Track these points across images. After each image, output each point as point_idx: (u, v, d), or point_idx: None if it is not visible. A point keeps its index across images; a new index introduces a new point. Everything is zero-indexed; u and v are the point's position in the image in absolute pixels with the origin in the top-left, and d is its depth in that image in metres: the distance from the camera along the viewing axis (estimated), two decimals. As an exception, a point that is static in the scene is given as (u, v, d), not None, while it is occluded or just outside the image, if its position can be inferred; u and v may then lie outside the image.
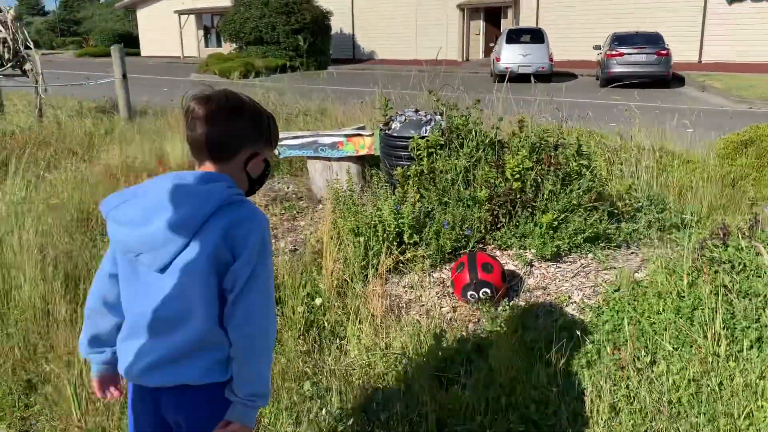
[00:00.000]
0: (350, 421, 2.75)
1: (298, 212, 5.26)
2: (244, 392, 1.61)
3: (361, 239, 3.93)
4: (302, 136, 5.58)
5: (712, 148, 6.71)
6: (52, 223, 4.46)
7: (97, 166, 6.25)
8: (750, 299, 2.95)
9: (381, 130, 5.15)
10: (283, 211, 5.23)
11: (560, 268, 4.06)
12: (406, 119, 4.96)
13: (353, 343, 3.38)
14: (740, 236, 3.54)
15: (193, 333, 1.59)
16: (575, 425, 2.76)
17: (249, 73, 16.63)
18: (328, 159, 5.52)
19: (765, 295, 2.89)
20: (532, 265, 4.10)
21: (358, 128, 5.66)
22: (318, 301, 3.57)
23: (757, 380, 2.55)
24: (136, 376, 1.66)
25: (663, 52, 17.53)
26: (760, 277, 3.07)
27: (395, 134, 4.90)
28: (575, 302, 3.72)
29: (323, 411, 2.87)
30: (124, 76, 8.70)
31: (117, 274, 1.70)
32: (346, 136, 5.38)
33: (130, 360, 1.66)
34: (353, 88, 11.41)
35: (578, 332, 3.36)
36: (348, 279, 3.83)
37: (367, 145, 5.34)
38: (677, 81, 18.58)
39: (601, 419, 2.72)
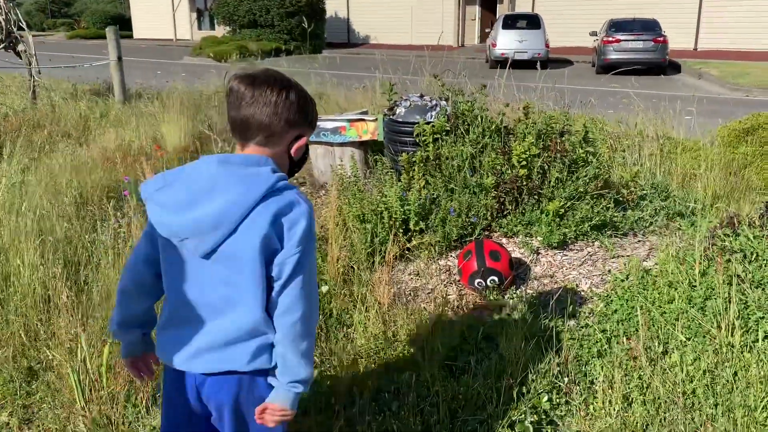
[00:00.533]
0: (360, 411, 2.71)
1: (299, 198, 5.19)
2: (287, 378, 1.61)
3: (368, 226, 3.88)
4: (303, 121, 5.49)
5: (712, 135, 6.68)
6: (50, 208, 4.37)
7: (93, 149, 6.14)
8: (763, 289, 2.93)
9: (385, 115, 5.07)
10: (284, 197, 5.16)
11: (567, 256, 4.02)
12: (411, 104, 4.89)
13: (360, 331, 3.33)
14: (751, 225, 3.51)
15: (240, 320, 1.57)
16: (587, 415, 2.74)
17: (244, 56, 16.42)
18: (330, 144, 5.44)
19: (779, 285, 2.87)
20: (538, 253, 4.06)
21: (361, 113, 5.58)
22: (324, 288, 3.52)
23: (774, 371, 2.53)
24: (182, 362, 1.64)
25: (660, 39, 17.45)
26: (773, 266, 3.04)
27: (400, 120, 4.83)
28: (583, 291, 3.69)
29: (332, 399, 2.82)
30: (119, 58, 8.56)
31: (154, 257, 1.67)
32: (349, 121, 5.30)
33: (174, 346, 1.64)
34: (351, 73, 11.31)
35: (588, 321, 3.33)
36: (354, 266, 3.78)
37: (370, 130, 5.27)
38: (673, 68, 18.54)
39: (614, 410, 2.69)
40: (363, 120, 5.31)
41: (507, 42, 19.02)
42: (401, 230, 4.07)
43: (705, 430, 2.48)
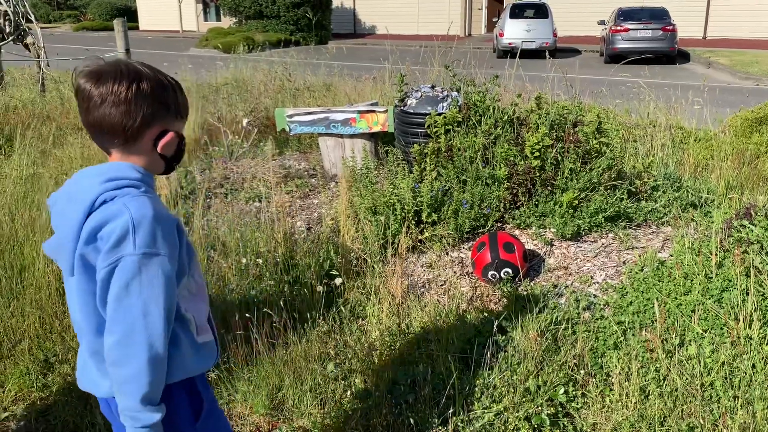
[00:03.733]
0: (376, 404, 2.71)
1: (310, 190, 5.18)
2: (119, 407, 1.44)
3: (380, 218, 3.87)
4: (314, 112, 5.48)
5: (723, 125, 6.62)
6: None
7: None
8: (782, 281, 2.90)
9: (396, 106, 5.05)
10: (294, 189, 5.15)
11: (581, 247, 4.00)
12: (422, 95, 4.86)
13: (373, 323, 3.33)
14: (767, 216, 3.48)
15: (85, 341, 1.51)
16: (603, 408, 2.73)
17: (251, 48, 16.36)
18: (340, 136, 5.42)
19: (798, 277, 2.84)
20: (552, 245, 4.04)
21: (371, 104, 5.55)
22: (338, 281, 3.52)
23: (794, 364, 2.51)
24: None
25: (669, 27, 17.29)
26: (791, 258, 3.01)
27: (411, 111, 4.81)
28: (598, 282, 3.67)
29: (348, 393, 2.83)
30: (127, 50, 8.51)
31: None
32: (359, 112, 5.28)
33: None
34: (359, 63, 11.26)
35: (603, 313, 3.32)
36: (367, 258, 3.77)
37: (381, 121, 5.25)
38: (682, 57, 18.39)
39: (631, 402, 2.68)
40: (373, 111, 5.28)
41: (514, 31, 18.90)
42: (413, 222, 4.06)
43: (724, 422, 2.46)
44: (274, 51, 16.86)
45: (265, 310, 3.24)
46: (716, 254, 3.25)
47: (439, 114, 4.58)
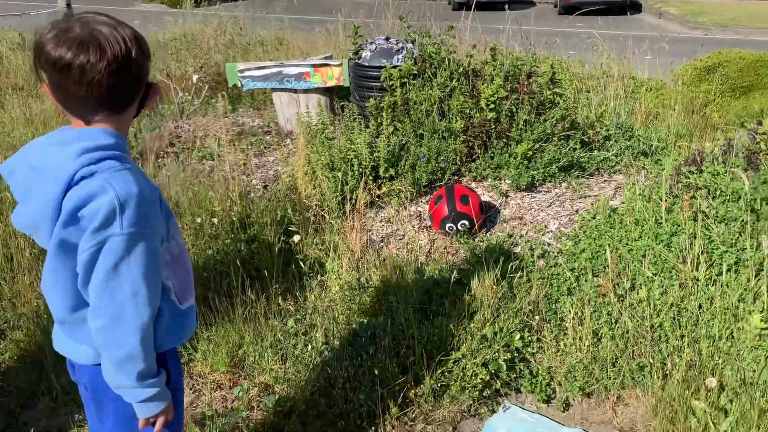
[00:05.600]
0: (337, 356, 2.74)
1: (265, 147, 5.09)
2: (113, 384, 1.45)
3: (337, 174, 3.84)
4: (266, 67, 5.34)
5: (674, 74, 6.73)
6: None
7: (46, 101, 5.88)
8: (727, 224, 3.00)
9: (350, 59, 4.96)
10: (249, 146, 5.06)
11: (535, 198, 4.06)
12: (376, 48, 4.78)
13: (333, 279, 3.33)
14: (714, 162, 3.58)
15: (55, 312, 1.47)
16: (558, 351, 2.82)
17: (199, 2, 15.75)
18: (295, 91, 5.31)
19: (742, 220, 2.94)
20: (507, 196, 4.09)
21: (325, 58, 5.44)
22: (296, 238, 3.49)
23: (737, 302, 2.62)
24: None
25: (619, -22, 17.30)
26: (736, 201, 3.12)
27: (366, 64, 4.73)
28: (552, 231, 3.74)
29: (309, 347, 2.84)
30: (69, 5, 8.14)
31: None
32: (313, 66, 5.17)
33: None
34: (311, 17, 10.99)
35: (557, 261, 3.39)
36: (325, 215, 3.75)
37: (336, 75, 5.15)
38: (634, 8, 18.48)
39: (584, 345, 2.77)
40: (328, 65, 5.18)
41: (468, -17, 18.62)
42: (371, 177, 4.04)
43: (672, 361, 2.57)
44: (223, 5, 16.30)
45: (222, 269, 3.21)
46: (666, 200, 3.34)
47: (395, 67, 4.52)
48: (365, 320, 2.98)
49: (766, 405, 2.19)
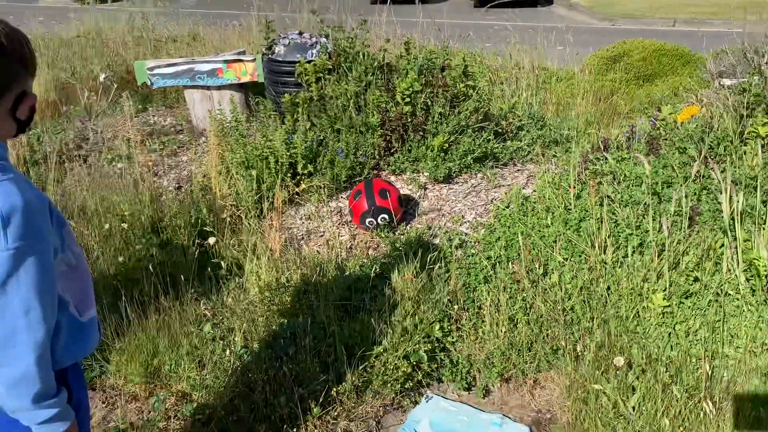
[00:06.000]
0: (257, 359, 2.69)
1: (179, 147, 4.93)
2: (9, 408, 1.35)
3: (253, 172, 3.76)
4: (176, 64, 5.17)
5: (582, 64, 6.99)
6: None
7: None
8: (631, 207, 3.14)
9: (264, 54, 4.87)
10: (162, 147, 4.88)
11: (453, 189, 4.12)
12: (290, 42, 4.71)
13: (252, 280, 3.27)
14: (619, 148, 3.74)
15: None
16: (477, 339, 2.87)
17: (106, -5, 15.07)
18: (208, 88, 5.17)
19: (644, 203, 3.09)
20: (426, 188, 4.13)
21: (238, 53, 5.32)
22: (212, 240, 3.40)
23: (641, 283, 2.75)
24: None
25: (533, -30, 17.81)
26: (638, 186, 3.26)
27: (280, 59, 4.65)
28: (469, 221, 3.81)
29: (227, 352, 2.78)
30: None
31: None
32: (226, 62, 5.04)
33: None
34: (226, 11, 10.73)
35: (474, 250, 3.46)
36: (242, 215, 3.67)
37: (249, 71, 5.05)
38: (546, 0, 19.09)
39: (501, 331, 2.84)
40: (241, 60, 5.07)
41: (387, -24, 18.69)
42: (289, 174, 3.99)
43: (583, 342, 2.67)
44: (130, 0, 15.67)
45: (133, 276, 3.08)
46: (574, 187, 3.46)
47: (309, 62, 4.47)
48: (285, 321, 2.94)
49: (669, 380, 2.31)
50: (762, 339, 2.41)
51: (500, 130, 4.72)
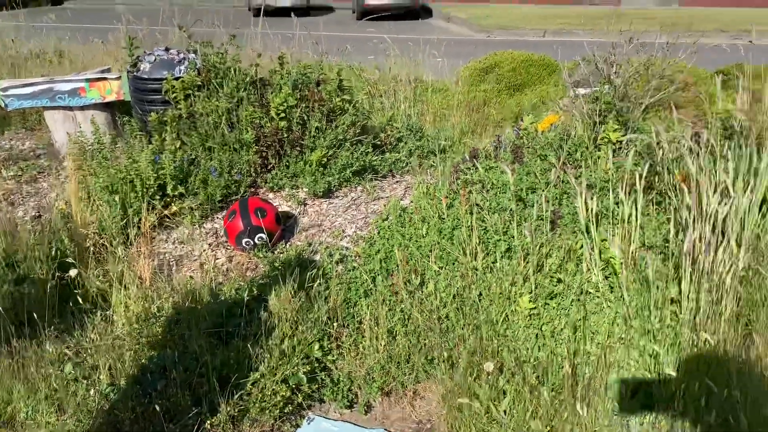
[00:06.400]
0: (124, 396, 2.52)
1: (39, 172, 4.59)
2: None
3: (117, 197, 3.55)
4: (34, 83, 4.82)
5: (457, 76, 7.22)
6: None
7: None
8: (499, 214, 3.25)
9: (129, 72, 4.64)
10: (19, 173, 4.52)
11: (332, 203, 4.10)
12: (156, 59, 4.52)
13: (120, 312, 3.08)
14: (487, 158, 3.87)
15: None
16: (357, 355, 2.85)
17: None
18: (70, 108, 4.85)
19: (510, 209, 3.20)
20: (305, 204, 4.08)
21: (103, 71, 5.04)
22: (73, 272, 3.17)
23: (509, 287, 2.84)
24: None
25: (413, -16, 18.31)
26: (505, 193, 3.39)
27: (145, 76, 4.45)
28: (349, 235, 3.80)
29: (91, 391, 2.59)
30: None
31: None
32: (88, 80, 4.76)
33: None
34: (94, 26, 10.17)
35: (354, 264, 3.45)
36: (106, 243, 3.45)
37: (115, 89, 4.79)
38: (426, 12, 19.66)
39: (381, 345, 2.84)
40: (105, 79, 4.80)
41: (267, -11, 18.52)
42: (158, 197, 3.81)
43: (458, 350, 2.72)
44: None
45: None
46: (447, 196, 3.54)
47: (177, 78, 4.31)
48: (155, 353, 2.78)
49: (536, 381, 2.39)
50: (619, 334, 2.56)
51: (379, 143, 4.77)
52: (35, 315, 2.84)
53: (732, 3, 19.11)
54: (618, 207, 2.95)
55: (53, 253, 3.33)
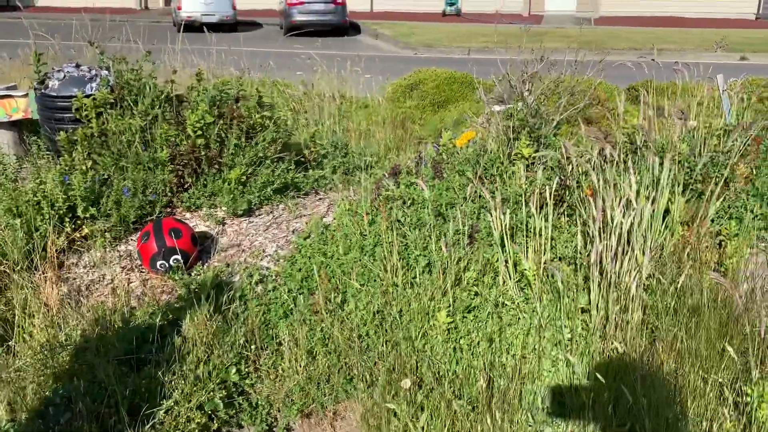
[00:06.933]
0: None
1: (-64, 195, 4.30)
2: None
3: (18, 221, 3.37)
4: (-70, 101, 4.54)
5: (385, 92, 7.30)
6: None
7: None
8: (419, 230, 3.28)
9: (36, 89, 4.43)
10: None
11: (253, 222, 4.03)
12: (65, 76, 4.34)
13: (23, 341, 2.91)
14: (408, 173, 3.90)
15: None
16: (276, 377, 2.80)
17: None
18: (-28, 127, 4.59)
19: (430, 224, 3.23)
20: (224, 224, 4.00)
21: (9, 88, 4.80)
22: (-31, 301, 2.98)
23: (428, 302, 2.86)
24: None
25: (339, 1, 18.43)
26: (425, 208, 3.42)
27: (54, 93, 4.26)
28: (270, 255, 3.74)
29: (-14, 431, 2.42)
30: None
31: None
32: (-8, 98, 4.52)
33: None
34: (7, 40, 9.71)
35: (275, 284, 3.39)
36: (8, 270, 3.26)
37: (21, 107, 4.57)
38: (354, 29, 19.81)
39: (300, 366, 2.79)
40: (10, 96, 4.57)
41: (192, 4, 18.25)
42: (68, 219, 3.63)
43: (377, 367, 2.71)
44: None
45: None
46: (368, 213, 3.54)
47: (88, 96, 4.15)
48: (60, 384, 2.63)
49: (452, 395, 2.40)
50: (533, 345, 2.61)
51: (302, 160, 4.73)
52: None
53: (643, 23, 20.22)
54: (530, 220, 3.03)
55: (-52, 281, 3.12)
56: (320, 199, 4.36)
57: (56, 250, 3.34)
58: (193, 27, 13.54)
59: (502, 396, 2.36)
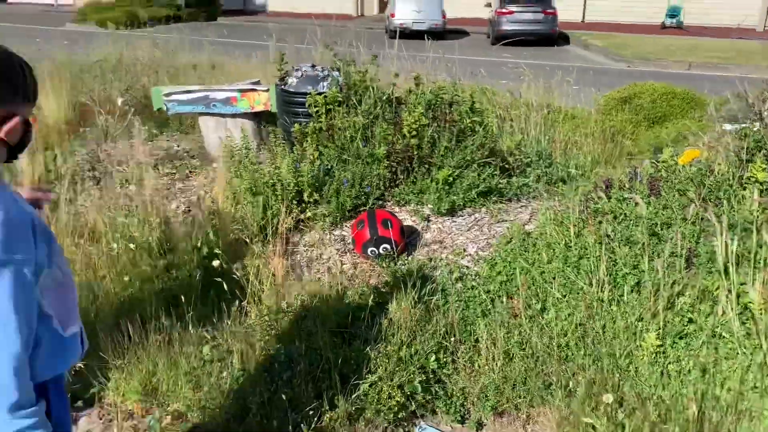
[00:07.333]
0: (253, 382, 2.72)
1: (190, 172, 5.04)
2: None
3: (259, 198, 3.84)
4: (192, 91, 5.32)
5: (594, 104, 7.07)
6: None
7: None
8: (630, 247, 3.17)
9: (277, 85, 5.00)
10: (173, 171, 5.00)
11: (456, 222, 4.17)
12: (302, 75, 4.84)
13: (254, 304, 3.32)
14: (621, 188, 3.78)
15: None
16: (472, 372, 2.89)
17: (131, 23, 15.53)
18: (222, 116, 5.30)
19: (643, 243, 3.11)
20: (429, 220, 4.19)
21: (253, 83, 5.47)
22: (216, 263, 3.46)
23: (636, 322, 2.76)
24: None
25: (550, 11, 18.10)
26: (638, 226, 3.30)
27: (292, 90, 4.78)
28: (470, 255, 3.85)
29: (224, 373, 2.82)
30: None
31: None
32: (240, 91, 5.18)
33: None
34: (246, 41, 11.00)
35: (474, 283, 3.49)
36: (247, 240, 3.74)
37: (263, 101, 5.18)
38: (563, 39, 19.32)
39: (496, 365, 2.85)
40: (255, 90, 5.20)
41: (405, 12, 19.08)
42: (295, 202, 4.07)
43: (576, 378, 2.68)
44: (160, 27, 16.09)
45: (138, 295, 3.15)
46: (575, 225, 3.49)
47: (320, 93, 4.59)
48: (283, 345, 2.97)
49: (658, 419, 2.31)
50: (752, 382, 2.41)
51: (506, 166, 4.79)
52: (183, 298, 3.14)
53: None
54: (761, 250, 2.79)
55: (199, 244, 3.65)
56: (523, 206, 4.38)
57: (286, 228, 3.74)
58: (403, 33, 14.18)
59: (714, 428, 2.22)
